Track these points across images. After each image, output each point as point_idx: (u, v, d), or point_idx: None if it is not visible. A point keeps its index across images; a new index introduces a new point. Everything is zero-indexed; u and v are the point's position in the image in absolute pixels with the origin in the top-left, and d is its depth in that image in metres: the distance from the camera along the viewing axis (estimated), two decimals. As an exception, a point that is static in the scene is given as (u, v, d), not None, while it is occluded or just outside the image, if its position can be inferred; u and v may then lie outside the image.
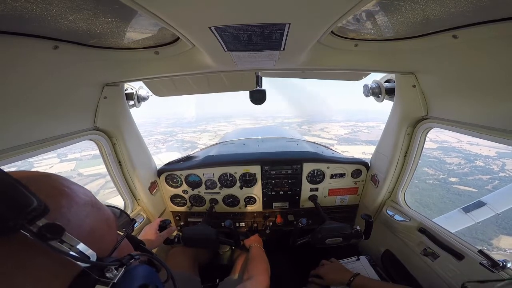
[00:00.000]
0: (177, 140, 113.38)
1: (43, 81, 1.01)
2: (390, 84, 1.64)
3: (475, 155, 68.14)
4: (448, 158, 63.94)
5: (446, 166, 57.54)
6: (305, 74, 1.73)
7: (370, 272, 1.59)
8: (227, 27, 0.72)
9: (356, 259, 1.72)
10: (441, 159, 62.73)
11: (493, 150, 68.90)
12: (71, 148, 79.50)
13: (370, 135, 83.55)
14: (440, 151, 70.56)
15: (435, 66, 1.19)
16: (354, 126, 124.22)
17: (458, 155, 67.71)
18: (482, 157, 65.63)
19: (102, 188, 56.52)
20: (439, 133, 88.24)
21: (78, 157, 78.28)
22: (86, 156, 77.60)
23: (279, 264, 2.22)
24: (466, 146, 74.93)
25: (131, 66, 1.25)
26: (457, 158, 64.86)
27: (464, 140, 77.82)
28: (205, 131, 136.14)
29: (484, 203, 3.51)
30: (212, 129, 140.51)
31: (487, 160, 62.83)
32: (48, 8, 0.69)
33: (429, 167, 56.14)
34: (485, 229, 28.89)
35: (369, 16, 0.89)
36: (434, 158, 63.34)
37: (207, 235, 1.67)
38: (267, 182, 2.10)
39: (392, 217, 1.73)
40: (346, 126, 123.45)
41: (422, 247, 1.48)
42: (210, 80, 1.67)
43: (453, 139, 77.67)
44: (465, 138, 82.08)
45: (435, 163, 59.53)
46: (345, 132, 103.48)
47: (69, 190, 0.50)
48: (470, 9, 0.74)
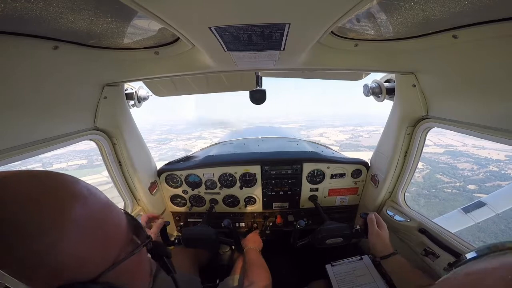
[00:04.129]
0: (171, 148, 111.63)
1: (43, 81, 1.01)
2: (390, 84, 1.64)
3: (486, 159, 67.61)
4: (459, 164, 63.41)
5: (459, 172, 56.87)
6: (305, 74, 1.73)
7: (373, 272, 1.59)
8: (227, 27, 0.72)
9: (359, 259, 1.71)
10: (452, 165, 62.16)
11: (502, 154, 68.46)
12: (57, 158, 75.23)
13: (371, 139, 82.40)
14: (448, 155, 70.19)
15: (435, 66, 1.19)
16: (354, 130, 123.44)
17: (468, 160, 67.17)
18: (494, 162, 64.98)
19: None
20: (441, 136, 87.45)
21: (64, 167, 74.39)
22: (72, 166, 74.86)
23: (279, 265, 2.22)
24: (472, 150, 74.37)
25: (131, 66, 1.25)
26: (468, 163, 64.23)
27: (469, 143, 77.33)
28: (200, 138, 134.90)
29: (484, 203, 3.52)
30: (208, 135, 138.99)
31: (500, 164, 62.13)
32: (48, 8, 0.69)
33: (441, 173, 55.59)
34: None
35: (369, 16, 0.89)
36: (444, 164, 62.69)
37: (206, 236, 1.67)
38: (267, 182, 2.10)
39: (392, 217, 1.72)
40: (345, 131, 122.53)
41: (422, 247, 1.48)
42: (210, 80, 1.67)
43: (458, 143, 77.09)
44: (470, 141, 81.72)
45: (447, 169, 58.86)
46: (346, 138, 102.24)
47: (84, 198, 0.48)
48: (470, 9, 0.74)
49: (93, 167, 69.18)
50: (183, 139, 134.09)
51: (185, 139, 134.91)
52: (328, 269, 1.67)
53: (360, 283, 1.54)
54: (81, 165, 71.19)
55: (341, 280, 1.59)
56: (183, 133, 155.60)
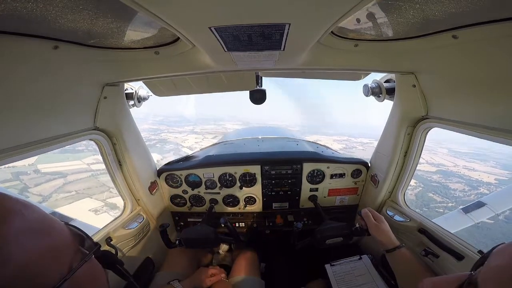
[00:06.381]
0: (159, 140, 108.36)
1: (43, 81, 1.01)
2: (390, 84, 1.64)
3: (477, 181, 68.38)
4: (451, 184, 63.96)
5: (451, 192, 57.32)
6: (305, 74, 1.73)
7: (372, 271, 1.59)
8: (227, 27, 0.72)
9: (358, 258, 1.71)
10: (444, 184, 62.72)
11: (492, 177, 69.70)
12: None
13: (365, 152, 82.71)
14: (440, 175, 70.92)
15: (435, 66, 1.19)
16: (348, 141, 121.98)
17: (460, 181, 67.83)
18: (484, 184, 65.66)
19: (56, 191, 51.27)
20: (433, 155, 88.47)
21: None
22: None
23: (279, 264, 2.23)
24: (463, 171, 75.61)
25: (131, 66, 1.25)
26: (459, 183, 64.92)
27: (460, 164, 79.56)
28: (193, 133, 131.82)
29: (484, 203, 3.52)
30: (200, 131, 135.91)
31: (490, 187, 62.60)
32: (48, 8, 0.69)
33: (433, 192, 55.88)
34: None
35: (369, 16, 0.89)
36: (436, 183, 63.05)
37: (206, 235, 1.67)
38: (267, 182, 2.10)
39: (392, 217, 1.72)
40: (339, 140, 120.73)
41: (422, 247, 1.48)
42: (210, 80, 1.67)
43: (449, 163, 78.85)
44: (461, 162, 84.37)
45: (439, 188, 59.29)
46: (340, 147, 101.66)
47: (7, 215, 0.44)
48: (470, 9, 0.74)
49: (75, 152, 67.15)
50: (174, 132, 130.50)
51: (176, 132, 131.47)
52: (328, 269, 1.68)
53: (359, 283, 1.54)
54: (63, 149, 69.69)
55: (340, 279, 1.59)
56: (175, 126, 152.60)
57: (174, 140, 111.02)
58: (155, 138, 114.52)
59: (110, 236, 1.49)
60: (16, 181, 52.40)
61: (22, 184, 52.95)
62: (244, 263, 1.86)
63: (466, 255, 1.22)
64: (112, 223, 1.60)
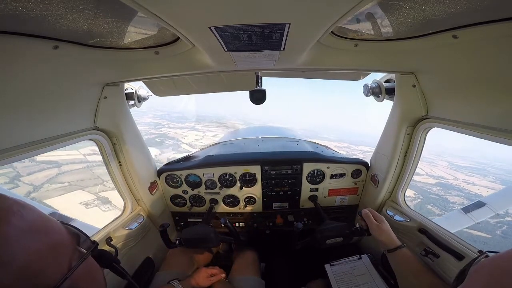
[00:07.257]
0: (159, 135, 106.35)
1: (43, 81, 1.01)
2: (390, 84, 1.64)
3: (476, 195, 68.22)
4: (450, 197, 63.93)
5: (450, 205, 57.15)
6: (305, 74, 1.73)
7: (372, 271, 1.59)
8: (227, 27, 0.72)
9: (358, 258, 1.71)
10: (443, 197, 62.60)
11: (491, 192, 69.98)
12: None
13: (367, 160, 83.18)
14: (439, 187, 70.94)
15: (435, 66, 1.19)
16: (348, 148, 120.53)
17: (459, 194, 67.87)
18: (483, 199, 66.55)
19: (49, 181, 49.23)
20: (433, 167, 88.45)
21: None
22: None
23: (279, 264, 2.23)
24: (463, 184, 75.79)
25: (131, 66, 1.25)
26: (458, 197, 64.91)
27: (460, 178, 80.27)
28: (193, 129, 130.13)
29: (484, 203, 3.52)
30: (201, 128, 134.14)
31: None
32: (48, 8, 0.69)
33: (432, 204, 55.61)
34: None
35: (369, 16, 0.89)
36: (436, 195, 62.96)
37: (206, 235, 1.67)
38: (267, 182, 2.10)
39: (392, 217, 1.73)
40: (340, 147, 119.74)
41: (422, 247, 1.48)
42: (210, 80, 1.67)
43: (449, 176, 79.54)
44: (460, 176, 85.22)
45: (438, 201, 59.08)
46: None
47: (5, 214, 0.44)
48: (470, 9, 0.74)
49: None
50: (175, 127, 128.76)
51: (177, 127, 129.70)
52: (327, 269, 1.68)
53: (359, 283, 1.54)
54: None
55: (340, 279, 1.59)
56: (177, 121, 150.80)
57: (174, 135, 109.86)
58: (155, 132, 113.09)
59: (110, 236, 1.50)
60: (9, 169, 50.48)
61: (15, 172, 51.32)
62: (244, 263, 1.86)
63: (466, 255, 1.22)
64: (112, 223, 1.60)
